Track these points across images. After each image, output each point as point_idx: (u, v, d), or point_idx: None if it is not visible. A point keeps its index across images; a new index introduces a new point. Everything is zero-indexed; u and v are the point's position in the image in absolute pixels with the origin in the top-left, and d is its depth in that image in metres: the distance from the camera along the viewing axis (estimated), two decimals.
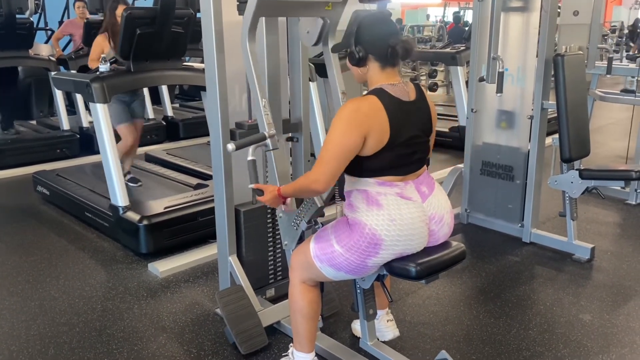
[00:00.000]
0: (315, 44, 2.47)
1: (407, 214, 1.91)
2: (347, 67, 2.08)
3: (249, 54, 2.24)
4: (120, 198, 3.69)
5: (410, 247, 1.94)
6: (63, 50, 7.29)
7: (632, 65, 6.15)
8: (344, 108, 1.92)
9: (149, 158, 5.39)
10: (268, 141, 2.21)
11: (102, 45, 4.22)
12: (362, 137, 1.87)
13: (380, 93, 1.93)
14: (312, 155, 2.86)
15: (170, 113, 7.12)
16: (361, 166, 1.95)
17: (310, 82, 4.71)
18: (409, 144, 1.96)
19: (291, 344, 2.32)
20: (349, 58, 2.01)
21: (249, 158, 2.16)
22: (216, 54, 2.46)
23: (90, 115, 4.43)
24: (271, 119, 2.25)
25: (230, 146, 2.12)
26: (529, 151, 3.70)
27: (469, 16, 16.46)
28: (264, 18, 2.35)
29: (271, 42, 2.42)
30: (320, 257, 2.01)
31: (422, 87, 2.09)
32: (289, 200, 2.17)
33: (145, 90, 6.72)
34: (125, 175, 4.30)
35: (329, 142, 1.89)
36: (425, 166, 2.08)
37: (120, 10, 4.10)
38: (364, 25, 1.96)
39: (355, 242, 1.92)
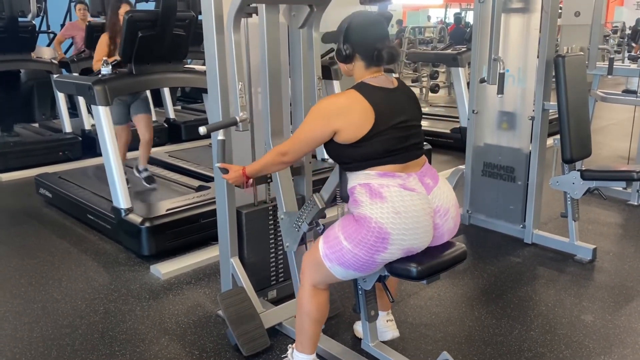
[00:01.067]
0: (301, 27, 2.52)
1: (411, 205, 1.91)
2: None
3: (233, 40, 2.30)
4: (122, 200, 3.70)
5: (416, 241, 1.94)
6: (65, 53, 7.31)
7: (634, 66, 6.15)
8: (320, 102, 2.05)
9: (151, 160, 5.37)
10: (240, 124, 2.34)
11: (107, 45, 4.21)
12: (331, 131, 1.98)
13: (360, 87, 2.01)
14: (314, 156, 2.87)
15: (172, 115, 7.13)
16: (356, 155, 1.97)
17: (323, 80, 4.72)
18: (400, 127, 1.99)
19: (290, 345, 2.32)
20: (336, 54, 2.07)
21: (219, 138, 2.30)
22: (217, 56, 2.46)
23: (93, 117, 4.44)
24: (245, 102, 2.35)
25: (202, 129, 2.25)
26: (530, 152, 3.70)
27: (470, 17, 16.47)
28: (264, 12, 2.36)
29: (272, 43, 2.43)
30: (330, 256, 2.01)
31: (402, 80, 2.18)
32: (251, 180, 2.29)
33: (147, 93, 6.74)
34: (140, 171, 4.35)
35: (302, 127, 2.06)
36: (425, 157, 2.09)
37: (123, 10, 4.10)
38: (354, 25, 2.01)
39: (362, 237, 1.92)
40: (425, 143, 2.16)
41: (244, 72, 2.45)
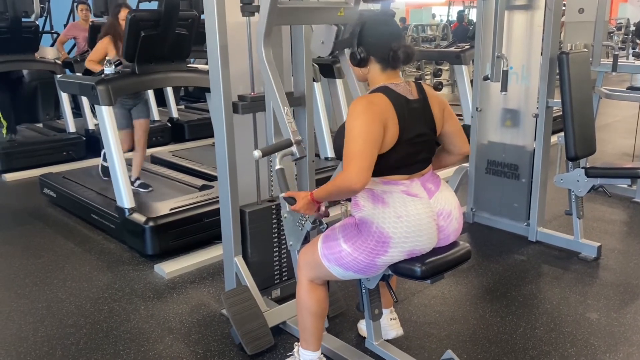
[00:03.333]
0: (331, 53, 2.48)
1: (413, 210, 1.91)
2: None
3: (267, 64, 2.22)
4: (126, 200, 3.70)
5: (419, 244, 1.94)
6: (68, 53, 7.33)
7: (638, 63, 6.12)
8: (357, 103, 1.90)
9: (155, 160, 5.41)
10: (294, 148, 2.16)
11: (106, 48, 4.22)
12: (383, 128, 1.84)
13: (386, 90, 1.93)
14: (317, 155, 2.86)
15: (175, 115, 7.14)
16: None
17: (315, 83, 4.73)
18: (416, 142, 1.95)
19: (296, 343, 2.32)
20: (350, 58, 2.01)
21: (277, 167, 2.12)
22: (220, 56, 2.46)
23: (96, 117, 4.44)
24: (295, 127, 2.19)
25: (257, 153, 2.08)
26: (534, 150, 3.69)
27: (473, 15, 16.43)
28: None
29: (274, 43, 2.43)
30: (328, 256, 2.01)
31: (426, 85, 2.08)
32: (323, 205, 2.08)
33: (150, 92, 6.75)
34: (134, 182, 4.28)
35: (354, 138, 1.82)
36: (430, 165, 2.08)
37: (123, 14, 4.11)
38: (367, 27, 1.96)
39: (363, 241, 1.92)
40: (435, 143, 2.13)
41: (285, 96, 2.25)
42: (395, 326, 2.53)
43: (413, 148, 1.95)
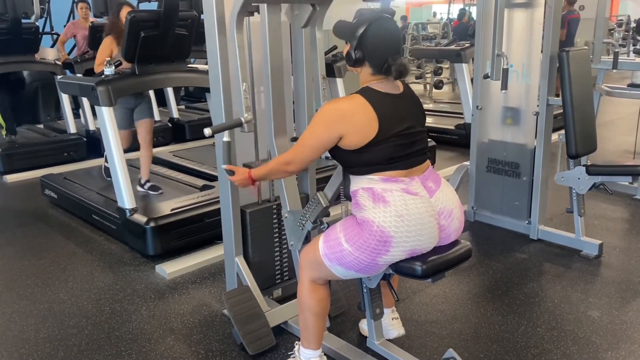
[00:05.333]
0: (304, 26, 2.51)
1: (414, 209, 1.91)
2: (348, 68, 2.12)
3: (236, 40, 2.30)
4: (127, 200, 3.70)
5: (420, 243, 1.94)
6: (68, 54, 7.33)
7: (639, 60, 6.11)
8: (325, 107, 2.01)
9: (155, 160, 5.39)
10: (245, 126, 2.33)
11: (110, 47, 4.21)
12: (336, 136, 1.96)
13: (365, 91, 1.98)
14: None
15: (176, 115, 7.14)
16: (360, 161, 1.97)
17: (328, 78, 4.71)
18: (405, 134, 1.97)
19: (297, 342, 2.32)
20: (346, 56, 2.03)
21: (224, 139, 2.29)
22: (219, 55, 2.46)
23: (96, 118, 4.45)
24: (250, 103, 2.34)
25: (207, 131, 2.24)
26: (535, 148, 3.69)
27: (475, 12, 16.34)
28: (265, 12, 2.35)
29: (274, 41, 2.43)
30: (330, 256, 2.01)
31: (407, 84, 2.14)
32: (257, 183, 2.30)
33: (151, 93, 6.75)
34: (144, 184, 4.27)
35: (307, 133, 2.03)
36: (429, 161, 2.08)
37: (124, 12, 4.11)
38: (370, 32, 1.96)
39: (364, 240, 1.92)
40: (429, 140, 2.14)
41: (247, 72, 2.44)
42: (396, 325, 2.53)
43: (404, 140, 1.97)
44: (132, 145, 4.45)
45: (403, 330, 2.53)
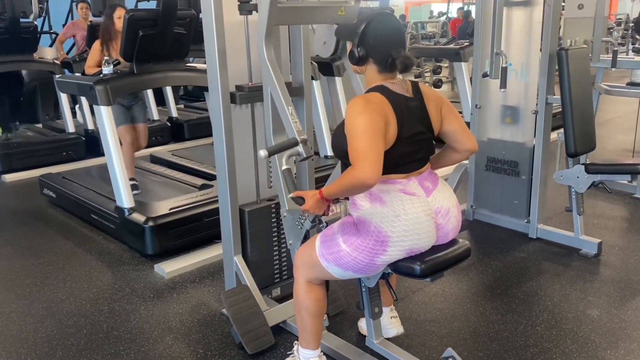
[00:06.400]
0: (334, 53, 2.45)
1: (411, 208, 1.91)
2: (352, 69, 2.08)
3: (269, 63, 2.20)
4: (125, 200, 3.70)
5: (418, 242, 1.93)
6: (67, 53, 7.32)
7: (638, 58, 6.11)
8: (355, 102, 1.88)
9: (154, 159, 5.40)
10: (300, 148, 2.11)
11: (99, 52, 4.19)
12: (385, 123, 1.83)
13: (382, 89, 1.93)
14: (316, 153, 2.85)
15: (174, 114, 7.13)
16: None
17: (314, 81, 4.72)
18: (414, 140, 1.95)
19: (296, 342, 2.32)
20: (349, 55, 2.00)
21: (283, 167, 2.08)
22: (218, 54, 2.46)
23: (95, 117, 4.44)
24: (300, 127, 2.14)
25: (263, 153, 2.02)
26: (534, 146, 3.68)
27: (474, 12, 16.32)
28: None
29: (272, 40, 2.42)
30: (327, 256, 2.01)
31: (422, 85, 2.07)
32: (332, 204, 2.04)
33: (150, 92, 6.75)
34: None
35: (360, 134, 1.80)
36: (428, 164, 2.07)
37: (118, 13, 4.10)
38: (371, 28, 1.93)
39: (362, 241, 1.92)
40: (433, 142, 2.11)
41: (288, 94, 2.22)
42: (395, 324, 2.52)
43: (411, 147, 1.95)
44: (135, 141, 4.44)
45: (402, 329, 2.53)
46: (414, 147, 1.96)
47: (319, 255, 2.03)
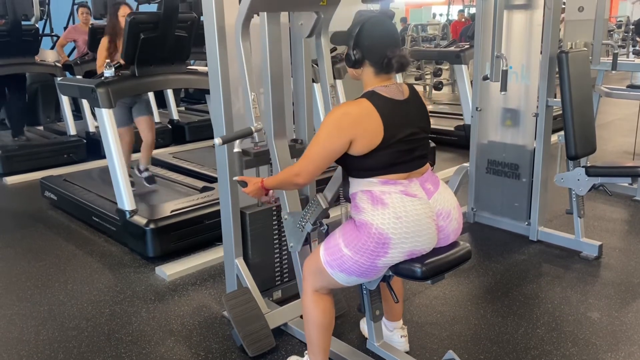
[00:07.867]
0: (309, 36, 2.49)
1: (412, 210, 1.91)
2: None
3: (242, 48, 2.28)
4: (126, 202, 3.70)
5: (419, 244, 1.94)
6: (68, 56, 7.33)
7: (638, 61, 6.12)
8: (334, 112, 1.98)
9: (155, 162, 5.40)
10: (255, 135, 2.30)
11: (107, 47, 4.22)
12: (347, 141, 1.92)
13: (371, 96, 1.96)
14: None
15: (176, 116, 7.15)
16: (361, 166, 1.96)
17: (314, 83, 4.72)
18: (408, 140, 1.97)
19: (306, 352, 2.31)
20: (345, 58, 2.03)
21: (235, 150, 2.26)
22: (219, 57, 2.47)
23: (96, 120, 4.45)
24: (259, 113, 2.32)
25: (217, 140, 2.24)
26: (534, 149, 3.69)
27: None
28: (265, 17, 2.35)
29: (273, 43, 2.43)
30: (331, 262, 2.01)
31: (414, 88, 2.11)
32: (271, 192, 2.24)
33: (151, 94, 6.75)
34: (142, 171, 4.35)
35: (316, 142, 1.97)
36: (428, 164, 2.08)
37: (122, 12, 4.12)
38: (366, 30, 1.96)
39: (363, 243, 1.92)
40: (429, 141, 2.13)
41: (254, 81, 2.36)
42: (404, 343, 2.51)
43: (406, 146, 1.97)
44: (134, 147, 4.46)
45: (408, 348, 2.52)
46: (409, 145, 1.98)
47: (324, 263, 2.03)
